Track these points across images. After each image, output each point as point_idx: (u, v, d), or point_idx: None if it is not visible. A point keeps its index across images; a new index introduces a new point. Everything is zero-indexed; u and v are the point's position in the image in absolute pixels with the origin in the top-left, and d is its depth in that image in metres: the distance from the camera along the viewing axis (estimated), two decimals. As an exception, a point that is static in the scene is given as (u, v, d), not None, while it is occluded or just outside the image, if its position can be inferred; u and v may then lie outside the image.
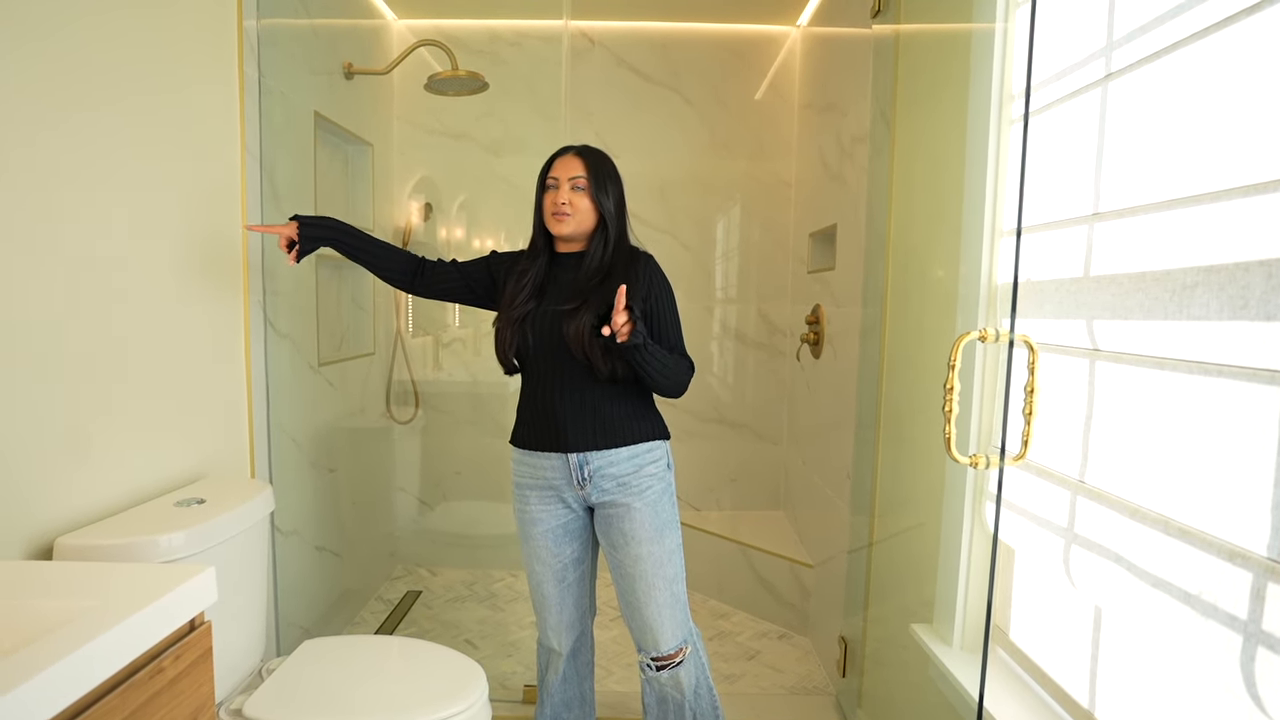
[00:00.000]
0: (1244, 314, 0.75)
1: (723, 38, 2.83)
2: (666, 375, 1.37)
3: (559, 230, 1.42)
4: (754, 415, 3.01)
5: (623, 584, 1.47)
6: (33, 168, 1.10)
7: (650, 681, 1.53)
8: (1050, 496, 1.10)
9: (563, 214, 1.40)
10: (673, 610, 1.46)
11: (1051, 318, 1.11)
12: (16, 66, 1.07)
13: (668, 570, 1.44)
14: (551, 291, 1.44)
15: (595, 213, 1.42)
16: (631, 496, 1.42)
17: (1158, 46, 0.90)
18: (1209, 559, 0.79)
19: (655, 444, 1.46)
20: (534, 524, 1.48)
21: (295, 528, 2.02)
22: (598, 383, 1.41)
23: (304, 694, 1.31)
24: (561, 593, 1.52)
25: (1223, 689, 0.78)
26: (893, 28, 1.73)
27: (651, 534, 1.42)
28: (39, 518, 1.13)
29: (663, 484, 1.45)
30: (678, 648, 1.48)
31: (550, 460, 1.44)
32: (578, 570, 1.53)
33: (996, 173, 1.27)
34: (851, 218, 2.11)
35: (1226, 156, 0.79)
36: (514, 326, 1.42)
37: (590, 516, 1.51)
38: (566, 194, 1.40)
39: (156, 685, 0.77)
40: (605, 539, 1.47)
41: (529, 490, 1.49)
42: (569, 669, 1.59)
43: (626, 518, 1.42)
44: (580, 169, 1.41)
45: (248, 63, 1.67)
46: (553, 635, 1.55)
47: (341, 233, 1.51)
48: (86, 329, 1.22)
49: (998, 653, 1.31)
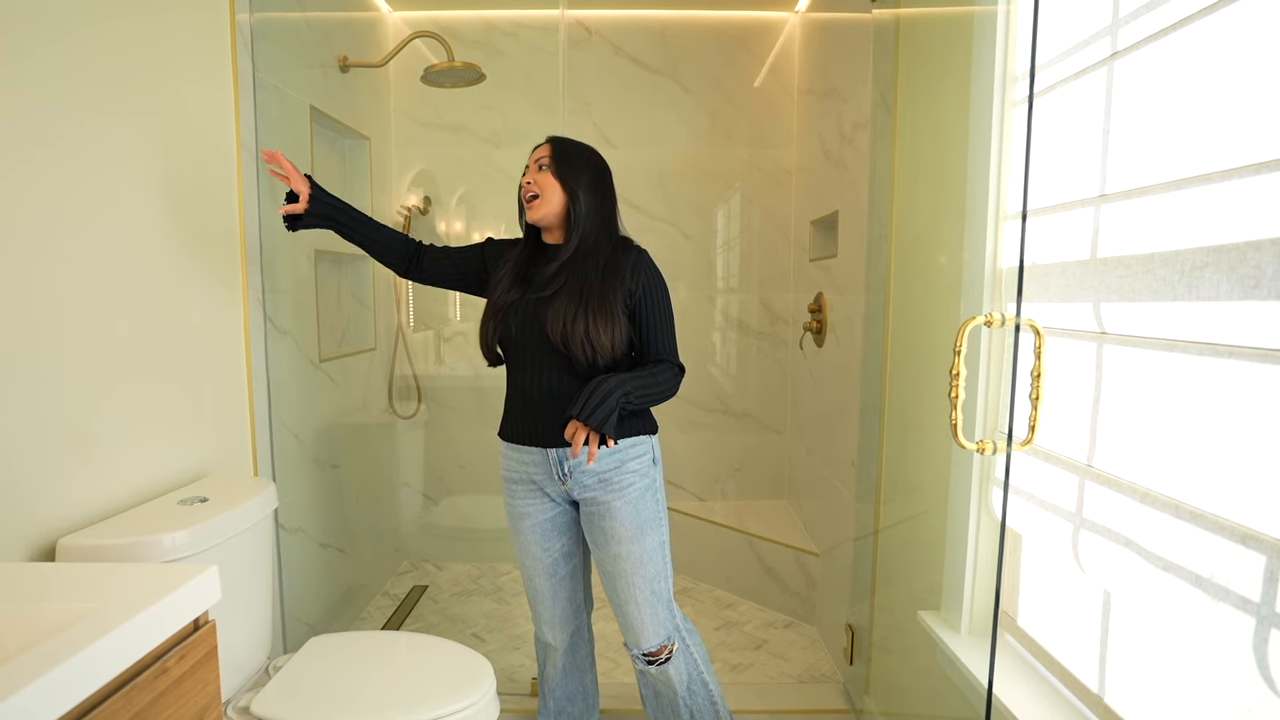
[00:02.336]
0: (1256, 294, 0.73)
1: (721, 24, 2.80)
2: (658, 396, 1.35)
3: (532, 214, 1.40)
4: (757, 404, 3.00)
5: (605, 581, 1.46)
6: (27, 168, 1.09)
7: (643, 675, 1.53)
8: (1058, 481, 1.09)
9: (530, 192, 1.39)
10: (653, 609, 1.44)
11: (1058, 301, 1.09)
12: (11, 66, 1.06)
13: (648, 569, 1.42)
14: (535, 281, 1.42)
15: (562, 194, 1.39)
16: (613, 494, 1.39)
17: (1164, 24, 0.88)
18: (1221, 542, 0.78)
19: (639, 439, 1.42)
20: (521, 518, 1.48)
21: (299, 524, 2.02)
22: (578, 375, 1.38)
23: (310, 691, 1.31)
24: (554, 587, 1.51)
25: (1235, 672, 0.78)
26: (893, 12, 1.71)
27: (632, 533, 1.40)
28: (41, 519, 1.13)
29: (646, 480, 1.42)
30: (661, 644, 1.46)
31: (532, 454, 1.43)
32: (569, 564, 1.51)
33: (1000, 156, 1.26)
34: (853, 204, 2.09)
35: (1235, 134, 0.78)
36: (496, 316, 1.41)
37: (578, 510, 1.49)
38: (533, 174, 1.40)
39: (161, 685, 0.77)
40: (589, 535, 1.46)
41: (515, 484, 1.47)
42: (568, 663, 1.59)
43: (607, 515, 1.40)
44: (546, 152, 1.41)
45: (241, 57, 1.66)
46: (547, 630, 1.54)
47: (346, 214, 1.49)
48: (85, 328, 1.21)
49: (1006, 639, 1.31)
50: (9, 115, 1.06)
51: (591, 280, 1.35)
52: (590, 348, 1.33)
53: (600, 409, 1.23)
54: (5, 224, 1.06)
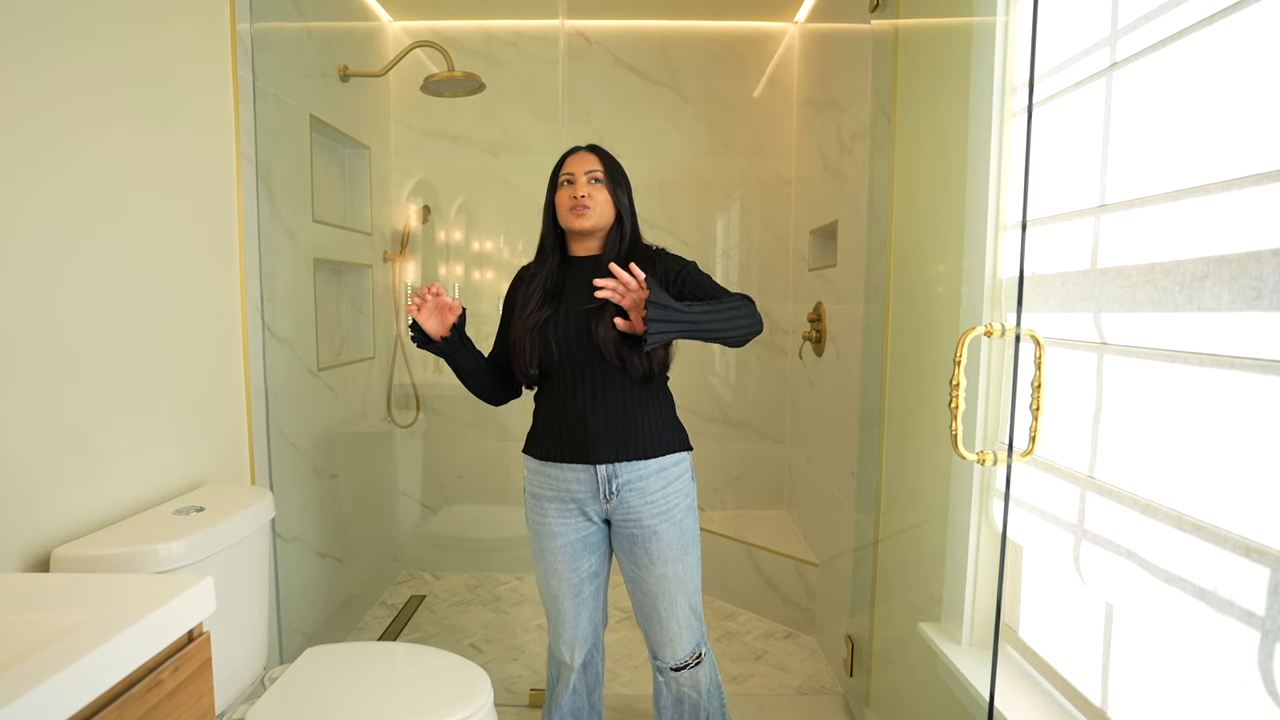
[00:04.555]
0: (1257, 305, 0.73)
1: (720, 35, 2.82)
2: (724, 319, 1.22)
3: (580, 224, 1.37)
4: (757, 414, 2.99)
5: (642, 599, 1.45)
6: (24, 178, 1.09)
7: (667, 682, 1.51)
8: (1059, 492, 1.09)
9: (582, 207, 1.37)
10: (690, 623, 1.45)
11: (1058, 311, 1.09)
12: (13, 76, 1.06)
13: (688, 586, 1.43)
14: (569, 295, 1.39)
15: (613, 206, 1.40)
16: (657, 518, 1.38)
17: (1163, 35, 0.88)
18: (1224, 554, 0.78)
19: (682, 456, 1.43)
20: (551, 538, 1.43)
21: (297, 534, 2.01)
22: (630, 388, 1.36)
23: (306, 702, 1.30)
24: (577, 607, 1.48)
25: (1239, 685, 0.77)
26: (891, 22, 1.71)
27: (677, 553, 1.40)
28: (36, 528, 1.12)
29: (688, 500, 1.43)
30: (694, 652, 1.47)
31: (575, 472, 1.39)
32: (594, 584, 1.49)
33: (1000, 166, 1.26)
34: (852, 214, 2.10)
35: (1234, 145, 0.78)
36: (532, 335, 1.36)
37: (609, 528, 1.47)
38: (584, 187, 1.38)
39: (154, 698, 0.76)
40: (627, 556, 1.44)
41: (548, 503, 1.43)
42: (579, 681, 1.57)
43: (654, 539, 1.39)
44: (596, 163, 1.40)
45: (241, 67, 1.66)
46: (565, 649, 1.51)
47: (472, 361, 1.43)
48: (81, 336, 1.21)
49: (1007, 650, 1.30)
50: (11, 123, 1.06)
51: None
52: (648, 356, 1.33)
53: (668, 314, 1.14)
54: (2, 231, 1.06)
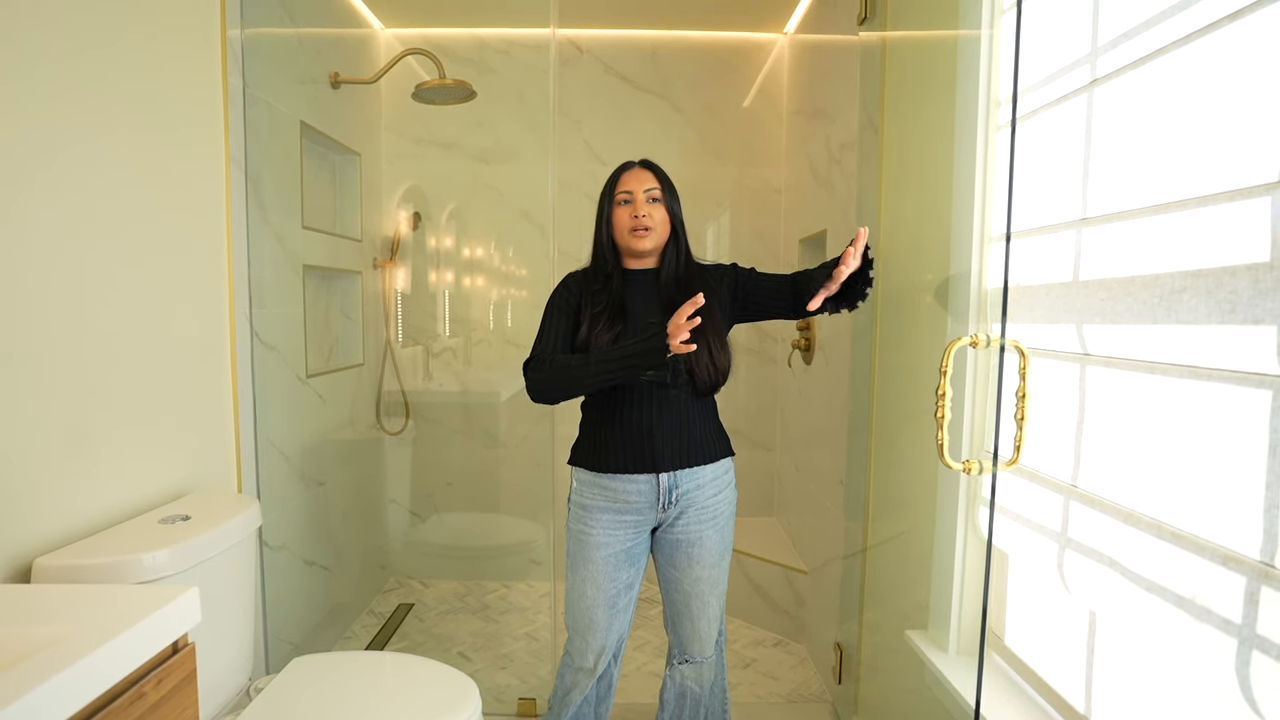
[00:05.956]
0: (1232, 318, 0.74)
1: (711, 45, 2.84)
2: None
3: (642, 245, 1.40)
4: (746, 422, 3.00)
5: (676, 598, 1.50)
6: (11, 185, 1.09)
7: (673, 675, 1.56)
8: (1043, 501, 1.10)
9: (644, 228, 1.39)
10: (718, 618, 1.52)
11: (1042, 322, 1.11)
12: (12, 90, 1.06)
13: (721, 586, 1.49)
14: (634, 309, 1.41)
15: (669, 224, 1.43)
16: (705, 524, 1.43)
17: (1142, 52, 0.90)
18: (1202, 563, 0.79)
19: (729, 462, 1.48)
20: (597, 548, 1.44)
21: (284, 542, 1.99)
22: (689, 399, 1.40)
23: (291, 713, 1.29)
24: (610, 618, 1.48)
25: (1218, 693, 0.78)
26: (879, 34, 1.73)
27: (716, 557, 1.46)
28: (17, 538, 1.11)
29: (731, 507, 1.49)
30: (717, 644, 1.55)
31: (637, 484, 1.40)
32: (628, 595, 1.50)
33: (985, 178, 1.27)
34: (841, 223, 2.11)
35: (1211, 161, 0.79)
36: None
37: (652, 537, 1.49)
38: (644, 206, 1.40)
39: (137, 711, 0.75)
40: (667, 560, 1.48)
41: (600, 514, 1.44)
42: (593, 690, 1.56)
43: (699, 544, 1.44)
44: (653, 180, 1.42)
45: (232, 72, 1.66)
46: (592, 657, 1.51)
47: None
48: (68, 343, 1.20)
49: (993, 658, 1.31)
50: (1, 133, 1.06)
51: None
52: (714, 369, 1.37)
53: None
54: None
